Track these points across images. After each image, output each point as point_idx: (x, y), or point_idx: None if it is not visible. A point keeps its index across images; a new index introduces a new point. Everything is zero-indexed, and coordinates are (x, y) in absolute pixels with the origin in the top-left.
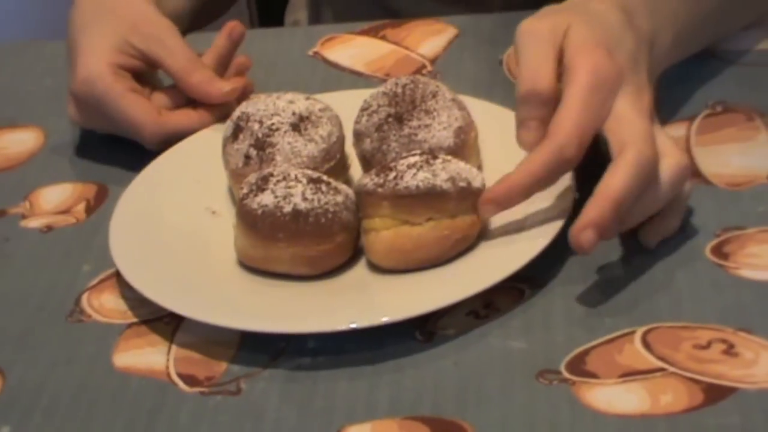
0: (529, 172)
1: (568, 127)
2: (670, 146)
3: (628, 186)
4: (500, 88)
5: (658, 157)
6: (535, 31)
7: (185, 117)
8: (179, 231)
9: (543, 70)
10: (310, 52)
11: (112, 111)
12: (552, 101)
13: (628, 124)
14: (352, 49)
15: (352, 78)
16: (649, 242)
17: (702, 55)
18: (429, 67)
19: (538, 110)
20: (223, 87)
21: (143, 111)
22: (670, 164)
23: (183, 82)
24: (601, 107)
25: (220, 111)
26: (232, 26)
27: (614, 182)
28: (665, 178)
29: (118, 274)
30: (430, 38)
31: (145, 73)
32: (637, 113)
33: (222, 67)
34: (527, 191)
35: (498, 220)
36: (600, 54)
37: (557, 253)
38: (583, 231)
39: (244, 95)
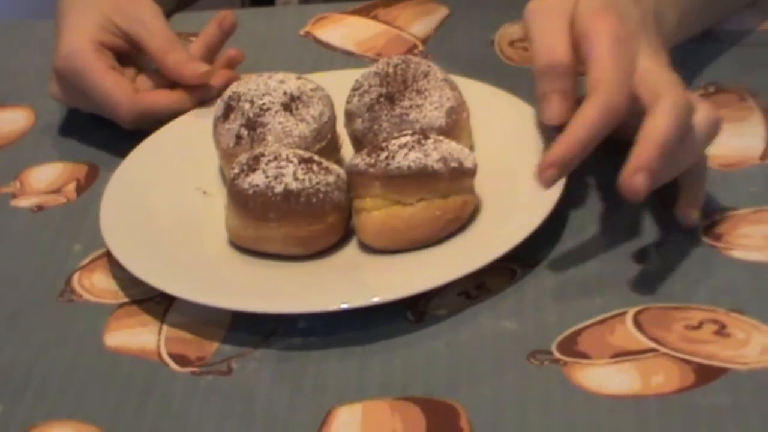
0: (584, 128)
1: (607, 77)
2: (699, 99)
3: (671, 128)
4: (492, 68)
5: (692, 103)
6: (544, 8)
7: (163, 96)
8: (170, 211)
9: (558, 43)
10: (302, 32)
11: (90, 86)
12: (571, 72)
13: (656, 75)
14: (344, 28)
15: (344, 58)
16: (690, 218)
17: (694, 36)
18: (420, 47)
19: (558, 82)
20: (198, 68)
21: (120, 88)
22: (703, 115)
23: (160, 62)
24: (629, 55)
25: (199, 93)
26: (223, 15)
27: (657, 126)
28: (700, 129)
29: (108, 254)
30: (421, 18)
31: (130, 54)
32: (662, 67)
33: (210, 55)
34: (585, 147)
35: (490, 200)
36: (613, 16)
37: (549, 233)
38: (635, 175)
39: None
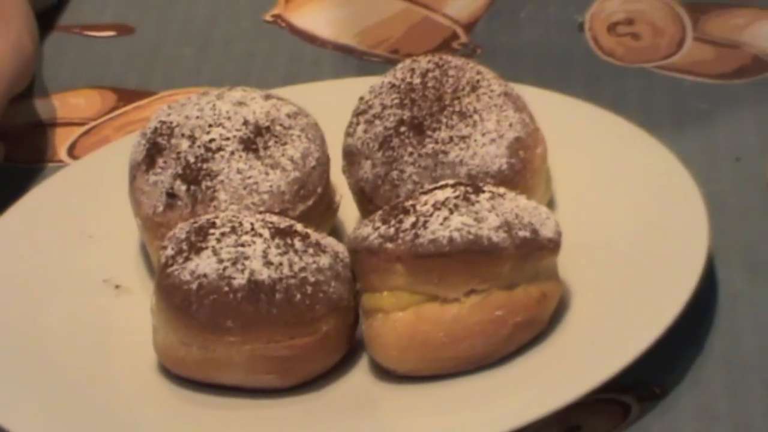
0: None
1: None
2: None
3: None
4: (581, 69)
5: None
6: None
7: None
8: (60, 319)
9: None
10: (268, 17)
11: None
12: None
13: None
14: (336, 8)
15: (338, 57)
16: None
17: None
18: (464, 38)
19: None
20: None
21: None
22: None
23: None
24: None
25: None
26: None
27: None
28: None
29: None
30: None
31: None
32: None
33: None
34: None
35: (582, 289)
36: None
37: (683, 342)
38: None
39: None
